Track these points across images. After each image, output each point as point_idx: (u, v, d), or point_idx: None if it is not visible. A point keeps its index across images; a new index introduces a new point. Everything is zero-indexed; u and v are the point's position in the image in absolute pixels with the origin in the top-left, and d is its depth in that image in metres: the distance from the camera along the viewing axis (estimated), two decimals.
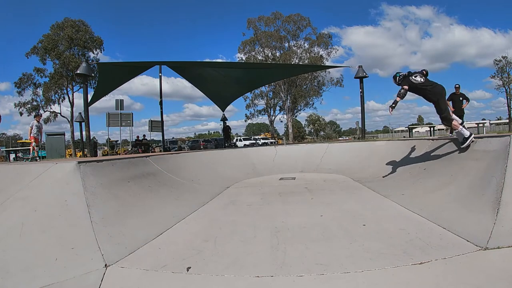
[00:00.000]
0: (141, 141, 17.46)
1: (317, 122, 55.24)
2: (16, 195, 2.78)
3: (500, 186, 2.38)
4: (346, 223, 2.84)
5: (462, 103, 9.01)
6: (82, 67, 10.67)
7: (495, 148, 3.03)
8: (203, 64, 14.55)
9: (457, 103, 9.08)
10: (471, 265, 1.80)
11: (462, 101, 9.04)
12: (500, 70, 31.83)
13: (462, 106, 8.98)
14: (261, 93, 32.56)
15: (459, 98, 9.06)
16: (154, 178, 4.51)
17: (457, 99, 9.07)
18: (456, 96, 9.12)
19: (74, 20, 28.08)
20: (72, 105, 28.49)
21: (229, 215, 3.44)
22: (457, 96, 9.10)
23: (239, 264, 2.04)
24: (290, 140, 31.92)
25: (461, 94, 9.11)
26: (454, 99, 9.15)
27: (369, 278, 1.75)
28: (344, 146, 8.44)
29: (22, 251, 2.13)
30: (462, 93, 9.13)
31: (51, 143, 16.52)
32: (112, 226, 2.60)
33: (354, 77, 11.94)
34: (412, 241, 2.22)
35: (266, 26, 30.86)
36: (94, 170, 3.30)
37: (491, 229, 2.09)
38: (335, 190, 4.61)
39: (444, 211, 2.75)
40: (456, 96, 9.11)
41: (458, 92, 9.09)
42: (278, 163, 7.71)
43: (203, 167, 6.61)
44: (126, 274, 1.96)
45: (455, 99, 9.11)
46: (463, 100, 9.04)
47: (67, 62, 26.84)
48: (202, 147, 23.22)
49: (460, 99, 9.04)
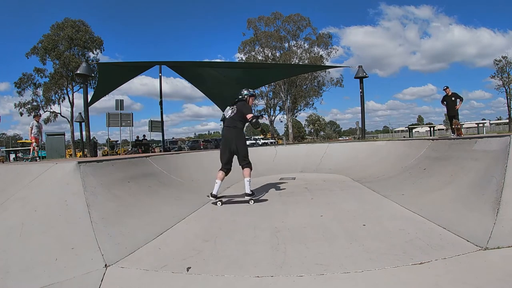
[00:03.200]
0: (141, 141, 17.46)
1: (317, 122, 55.30)
2: (16, 195, 2.78)
3: (500, 186, 2.38)
4: (346, 223, 2.84)
5: (456, 103, 9.00)
6: (82, 67, 10.68)
7: (495, 148, 3.03)
8: (203, 64, 14.55)
9: (450, 104, 9.08)
10: (471, 265, 1.80)
11: (455, 101, 9.03)
12: (500, 70, 31.86)
13: (455, 107, 8.97)
14: (261, 93, 32.58)
15: (452, 98, 9.05)
16: (154, 178, 4.51)
17: (450, 100, 9.07)
18: (448, 97, 9.11)
19: (74, 20, 28.11)
20: (72, 105, 28.52)
21: (229, 215, 3.44)
22: (449, 97, 9.09)
23: (239, 264, 2.04)
24: (290, 140, 31.92)
25: (454, 94, 9.10)
26: (447, 101, 9.15)
27: (369, 278, 1.75)
28: (344, 146, 8.44)
29: (22, 251, 2.13)
30: (455, 92, 9.12)
31: (51, 143, 16.51)
32: (112, 226, 2.60)
33: (354, 77, 11.97)
34: (412, 241, 2.22)
35: (266, 26, 30.93)
36: (94, 170, 3.30)
37: (491, 229, 2.09)
38: (335, 190, 4.61)
39: (444, 211, 2.75)
40: (449, 97, 9.11)
41: (449, 93, 9.08)
42: (278, 163, 7.70)
43: (203, 167, 6.60)
44: (126, 274, 1.96)
45: (448, 101, 9.12)
46: (456, 100, 9.03)
47: (67, 62, 26.86)
48: (202, 147, 23.22)
49: (452, 99, 9.04)
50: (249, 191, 4.06)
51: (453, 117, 8.95)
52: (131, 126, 14.87)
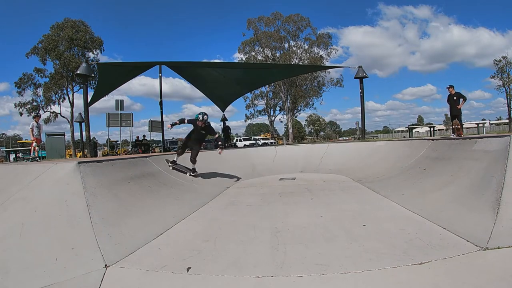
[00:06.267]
0: (141, 142, 17.45)
1: (317, 122, 55.31)
2: (16, 195, 2.78)
3: (500, 186, 2.38)
4: (346, 223, 2.84)
5: (458, 103, 8.98)
6: (82, 67, 10.68)
7: (495, 148, 3.03)
8: (203, 64, 14.56)
9: (452, 103, 9.07)
10: (471, 265, 1.80)
11: (457, 100, 9.01)
12: (500, 70, 31.83)
13: (457, 106, 8.95)
14: (261, 93, 32.55)
15: (454, 98, 9.04)
16: (154, 178, 4.51)
17: (452, 99, 9.06)
18: (451, 97, 9.10)
19: (74, 21, 28.09)
20: (72, 105, 28.49)
21: (229, 216, 3.44)
22: (452, 96, 9.07)
23: (239, 264, 2.04)
24: (290, 140, 31.91)
25: (456, 93, 9.08)
26: (450, 100, 9.14)
27: (369, 278, 1.75)
28: (344, 146, 8.44)
29: (22, 251, 2.13)
30: (458, 92, 9.09)
31: (51, 144, 16.48)
32: (112, 226, 2.60)
33: (354, 77, 11.96)
34: (412, 241, 2.22)
35: (266, 26, 30.87)
36: (94, 170, 3.30)
37: (491, 229, 2.09)
38: (335, 190, 4.61)
39: (444, 211, 2.75)
40: (451, 96, 9.09)
41: (452, 92, 9.06)
42: (278, 163, 7.71)
43: (203, 168, 6.61)
44: (126, 274, 1.96)
45: (451, 100, 9.10)
46: (458, 99, 9.01)
47: (67, 62, 26.84)
48: (202, 147, 23.21)
49: (455, 99, 9.02)
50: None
51: (456, 116, 8.92)
52: (131, 126, 14.84)
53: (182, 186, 4.91)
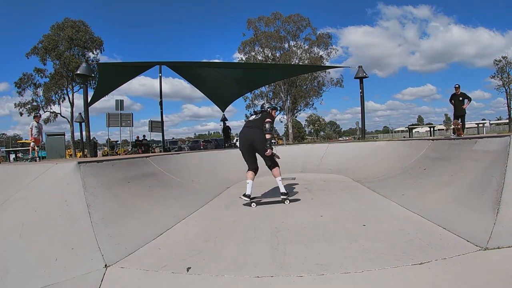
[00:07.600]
0: (141, 142, 17.45)
1: (317, 122, 55.32)
2: (16, 195, 2.78)
3: (500, 186, 2.38)
4: (346, 223, 2.84)
5: (463, 103, 8.99)
6: (82, 67, 10.69)
7: (495, 148, 3.03)
8: (203, 64, 14.56)
9: (457, 103, 9.07)
10: (471, 265, 1.80)
11: (462, 100, 9.02)
12: (500, 70, 31.85)
13: (462, 106, 8.96)
14: (261, 93, 32.55)
15: (459, 98, 9.05)
16: (154, 179, 4.51)
17: (457, 99, 9.06)
18: (456, 96, 9.11)
19: (74, 21, 28.10)
20: (72, 105, 28.50)
21: (229, 215, 3.44)
22: (457, 96, 9.08)
23: (239, 264, 2.04)
24: (290, 140, 31.91)
25: (462, 93, 9.09)
26: (454, 100, 9.14)
27: (369, 278, 1.75)
28: (344, 146, 8.44)
29: (22, 251, 2.13)
30: (463, 92, 9.10)
31: (51, 144, 16.51)
32: (112, 226, 2.60)
33: (354, 77, 11.96)
34: (412, 241, 2.22)
35: (266, 26, 30.88)
36: (94, 170, 3.30)
37: (491, 229, 2.09)
38: (335, 190, 4.61)
39: (444, 211, 2.75)
40: (456, 96, 9.10)
41: (458, 92, 9.07)
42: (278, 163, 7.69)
43: (203, 168, 6.61)
44: (126, 275, 1.96)
45: (455, 99, 9.10)
46: (463, 99, 9.02)
47: (67, 62, 26.84)
48: (202, 148, 23.24)
49: (460, 99, 9.03)
50: (283, 190, 4.02)
51: (460, 116, 8.92)
52: (131, 126, 14.86)
53: (182, 187, 4.91)
